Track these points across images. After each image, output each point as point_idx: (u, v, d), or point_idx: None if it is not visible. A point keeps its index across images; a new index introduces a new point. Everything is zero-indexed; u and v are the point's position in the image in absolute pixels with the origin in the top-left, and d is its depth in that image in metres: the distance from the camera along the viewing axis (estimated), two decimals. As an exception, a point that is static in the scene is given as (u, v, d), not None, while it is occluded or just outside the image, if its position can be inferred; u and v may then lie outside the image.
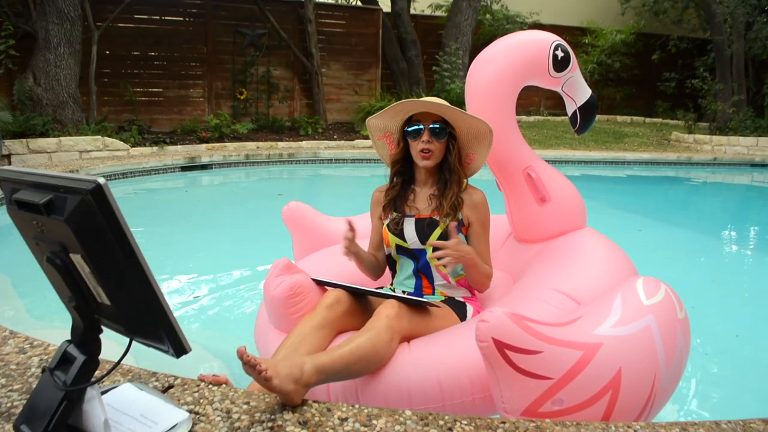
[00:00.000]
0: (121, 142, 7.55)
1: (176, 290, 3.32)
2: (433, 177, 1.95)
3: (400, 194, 1.96)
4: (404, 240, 1.89)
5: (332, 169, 8.37)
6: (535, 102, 13.18)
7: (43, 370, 1.11)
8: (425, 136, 1.84)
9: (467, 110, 2.14)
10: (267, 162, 8.17)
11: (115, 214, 0.92)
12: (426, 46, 11.55)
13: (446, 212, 1.86)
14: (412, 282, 1.94)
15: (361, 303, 1.80)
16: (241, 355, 1.28)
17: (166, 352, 1.03)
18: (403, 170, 1.97)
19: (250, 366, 1.28)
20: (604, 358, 1.36)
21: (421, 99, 1.86)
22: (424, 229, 1.87)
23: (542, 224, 2.19)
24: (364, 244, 2.35)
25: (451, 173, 1.89)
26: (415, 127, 1.85)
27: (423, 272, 1.92)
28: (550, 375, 1.32)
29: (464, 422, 1.30)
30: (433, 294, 1.93)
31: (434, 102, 1.84)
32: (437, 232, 1.86)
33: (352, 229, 1.80)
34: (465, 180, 1.95)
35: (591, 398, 1.34)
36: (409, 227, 1.89)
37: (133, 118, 8.99)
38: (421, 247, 1.88)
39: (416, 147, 1.87)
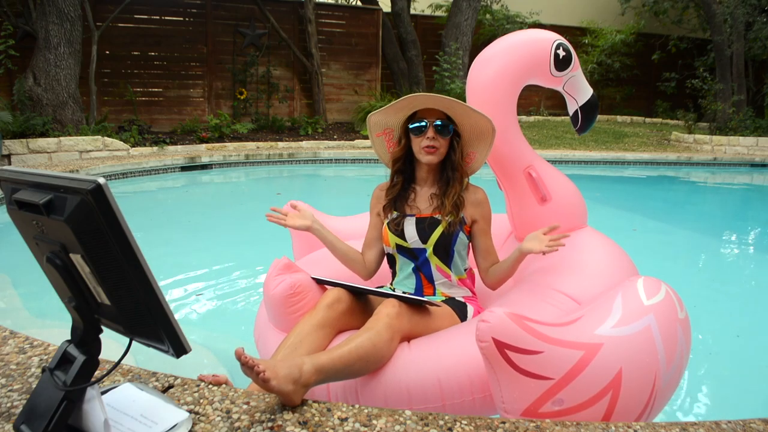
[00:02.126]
0: (121, 142, 7.55)
1: (176, 290, 3.32)
2: (434, 175, 1.94)
3: (400, 193, 1.95)
4: (405, 240, 1.88)
5: (332, 169, 8.37)
6: (535, 102, 13.19)
7: (43, 370, 1.11)
8: (430, 133, 1.83)
9: None
10: (267, 162, 8.17)
11: (115, 214, 0.92)
12: (426, 46, 11.56)
13: (448, 211, 1.85)
14: (412, 281, 1.94)
15: (361, 302, 1.80)
16: (239, 356, 1.27)
17: (166, 352, 1.03)
18: (404, 168, 1.96)
19: (248, 367, 1.28)
20: (604, 358, 1.35)
21: (429, 94, 1.84)
22: (425, 228, 1.87)
23: (543, 224, 2.17)
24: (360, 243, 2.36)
25: (453, 171, 1.89)
26: (419, 124, 1.84)
27: (423, 271, 1.91)
28: (551, 375, 1.32)
29: (464, 422, 1.29)
30: (434, 294, 1.92)
31: (443, 97, 1.82)
32: (438, 230, 1.85)
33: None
34: (467, 178, 1.95)
35: (592, 398, 1.34)
36: (410, 227, 1.89)
37: (133, 118, 8.99)
38: (422, 246, 1.87)
39: (419, 144, 1.86)
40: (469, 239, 1.92)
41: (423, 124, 1.84)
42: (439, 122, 1.83)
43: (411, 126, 1.87)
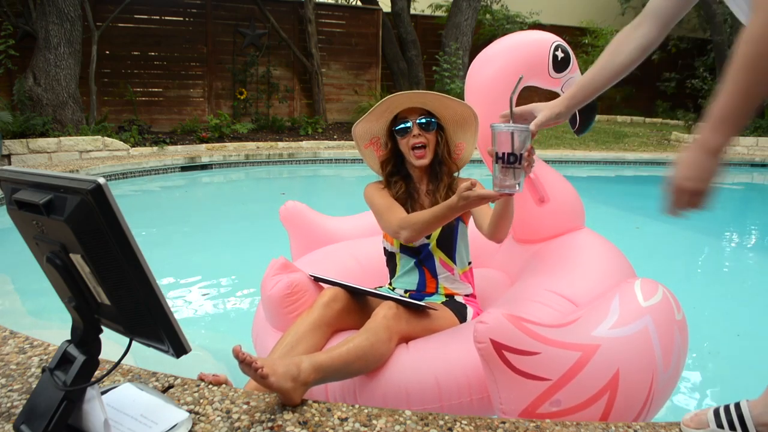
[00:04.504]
0: (121, 142, 7.55)
1: (176, 290, 3.33)
2: (427, 173, 1.95)
3: (407, 192, 1.95)
4: None
5: (332, 169, 8.37)
6: (534, 102, 13.16)
7: (43, 370, 1.11)
8: (415, 131, 1.85)
9: None
10: (267, 162, 8.17)
11: (115, 214, 0.93)
12: (426, 46, 11.56)
13: None
14: (414, 278, 1.94)
15: (359, 302, 1.80)
16: (237, 354, 1.28)
17: (166, 352, 1.04)
18: (396, 171, 1.96)
19: (246, 364, 1.29)
20: (601, 360, 1.36)
21: (403, 93, 1.85)
22: None
23: (541, 225, 2.19)
24: (366, 243, 2.35)
25: (441, 165, 1.91)
26: (403, 125, 1.86)
27: (426, 265, 1.92)
28: (548, 376, 1.33)
29: (464, 422, 1.30)
30: (436, 289, 1.93)
31: (416, 92, 1.84)
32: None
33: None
34: (456, 171, 1.96)
35: (589, 399, 1.34)
36: None
37: (133, 118, 8.99)
38: (425, 241, 1.89)
39: (407, 144, 1.87)
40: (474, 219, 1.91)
41: (407, 124, 1.85)
42: (422, 119, 1.85)
43: (396, 128, 1.88)
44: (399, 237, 1.78)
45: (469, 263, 1.97)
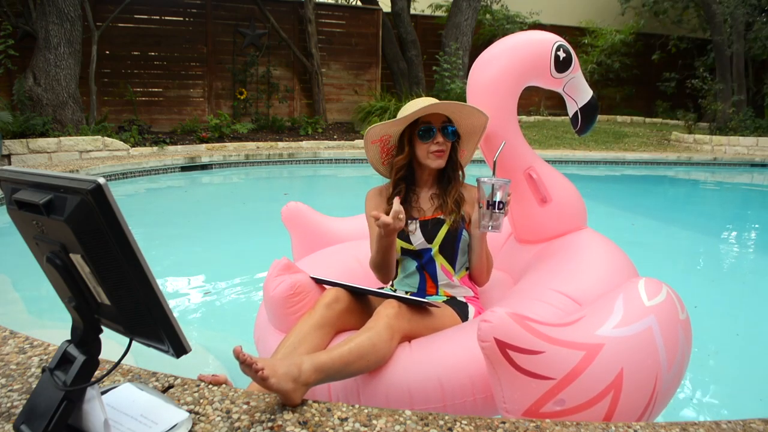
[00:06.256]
0: (121, 142, 7.55)
1: (176, 290, 3.32)
2: (434, 177, 1.96)
3: (404, 197, 1.95)
4: (410, 243, 1.89)
5: (332, 169, 8.37)
6: (535, 102, 13.19)
7: (43, 370, 1.11)
8: (438, 138, 1.85)
9: None
10: (267, 162, 8.17)
11: (115, 214, 0.92)
12: (426, 46, 11.57)
13: (451, 209, 1.88)
14: (415, 281, 1.94)
15: (361, 302, 1.80)
16: (238, 354, 1.28)
17: (166, 352, 1.03)
18: (406, 174, 1.96)
19: (246, 365, 1.28)
20: (605, 359, 1.35)
21: (437, 102, 1.85)
22: (430, 229, 1.88)
23: (543, 225, 2.18)
24: (368, 244, 2.35)
25: (454, 171, 1.94)
26: (427, 128, 1.86)
27: (427, 270, 1.92)
28: (552, 375, 1.32)
29: (464, 422, 1.29)
30: (437, 293, 1.93)
31: (444, 102, 1.84)
32: (444, 230, 1.87)
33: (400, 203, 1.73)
34: (463, 175, 1.98)
35: (593, 399, 1.33)
36: (415, 230, 1.89)
37: (133, 118, 9.00)
38: (427, 246, 1.89)
39: (427, 148, 1.87)
40: (469, 236, 1.93)
41: (431, 129, 1.85)
42: (445, 126, 1.87)
43: (420, 132, 1.86)
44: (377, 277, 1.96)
45: (466, 269, 1.97)
